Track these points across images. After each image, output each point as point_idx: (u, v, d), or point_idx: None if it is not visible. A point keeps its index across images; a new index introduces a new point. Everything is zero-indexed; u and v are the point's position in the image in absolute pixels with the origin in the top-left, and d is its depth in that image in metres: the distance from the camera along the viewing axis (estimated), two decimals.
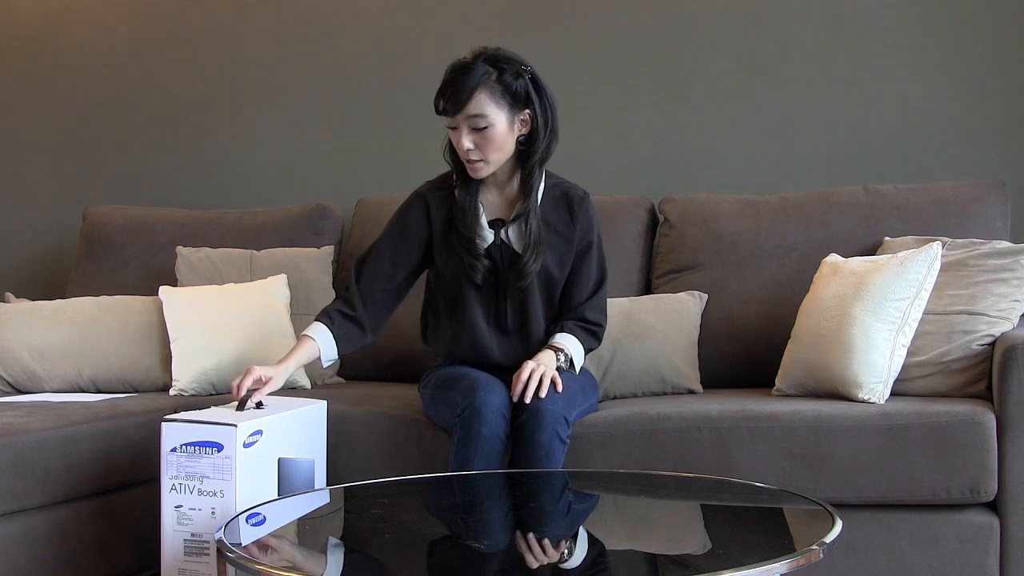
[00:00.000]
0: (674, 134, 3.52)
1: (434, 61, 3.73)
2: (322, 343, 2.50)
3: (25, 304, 3.29)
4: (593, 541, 1.85)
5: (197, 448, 2.15)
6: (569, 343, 2.50)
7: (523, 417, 2.31)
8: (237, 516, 1.93)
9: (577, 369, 2.52)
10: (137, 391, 3.15)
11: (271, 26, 3.88)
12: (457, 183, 2.55)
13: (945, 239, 2.70)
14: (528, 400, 2.31)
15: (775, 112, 3.44)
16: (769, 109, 3.45)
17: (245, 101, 3.91)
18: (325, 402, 2.50)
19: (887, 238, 2.88)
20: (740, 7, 3.47)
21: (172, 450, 2.17)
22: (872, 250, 2.87)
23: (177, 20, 3.96)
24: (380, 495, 2.18)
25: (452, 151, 2.52)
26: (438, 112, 2.44)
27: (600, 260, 2.60)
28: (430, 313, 2.65)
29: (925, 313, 2.55)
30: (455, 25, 3.68)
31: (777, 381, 2.68)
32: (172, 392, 3.04)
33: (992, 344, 2.53)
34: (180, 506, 2.16)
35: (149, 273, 3.47)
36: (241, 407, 2.29)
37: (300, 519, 2.06)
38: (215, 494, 2.14)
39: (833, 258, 2.75)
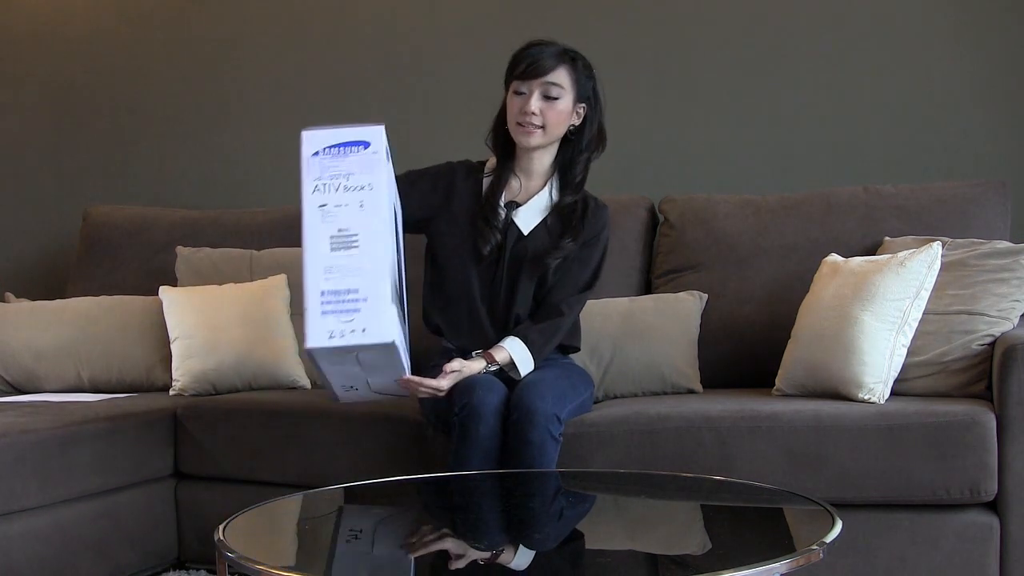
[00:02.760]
0: (674, 134, 3.52)
1: (433, 62, 3.77)
2: None
3: (25, 304, 3.30)
4: (593, 541, 1.85)
5: (342, 148, 2.18)
6: (514, 348, 2.47)
7: (514, 416, 2.31)
8: (237, 515, 1.92)
9: (521, 373, 2.47)
10: (137, 391, 3.15)
11: (270, 26, 3.88)
12: (495, 166, 2.61)
13: (945, 239, 2.69)
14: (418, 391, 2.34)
15: (775, 112, 3.44)
16: (769, 109, 3.44)
17: (245, 101, 3.91)
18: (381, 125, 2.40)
19: (887, 238, 2.88)
20: (740, 7, 3.47)
21: (315, 154, 2.19)
22: (872, 250, 2.87)
23: (177, 20, 3.96)
24: (380, 495, 2.18)
25: (500, 128, 2.59)
26: (515, 75, 2.51)
27: (597, 265, 2.61)
28: (430, 291, 2.64)
29: (925, 313, 2.55)
30: (453, 26, 3.67)
31: (777, 381, 2.68)
32: (172, 392, 3.04)
33: (992, 344, 2.53)
34: (325, 205, 2.16)
35: (149, 273, 3.47)
36: None
37: (299, 519, 2.06)
38: (363, 188, 2.16)
39: (833, 258, 2.74)
